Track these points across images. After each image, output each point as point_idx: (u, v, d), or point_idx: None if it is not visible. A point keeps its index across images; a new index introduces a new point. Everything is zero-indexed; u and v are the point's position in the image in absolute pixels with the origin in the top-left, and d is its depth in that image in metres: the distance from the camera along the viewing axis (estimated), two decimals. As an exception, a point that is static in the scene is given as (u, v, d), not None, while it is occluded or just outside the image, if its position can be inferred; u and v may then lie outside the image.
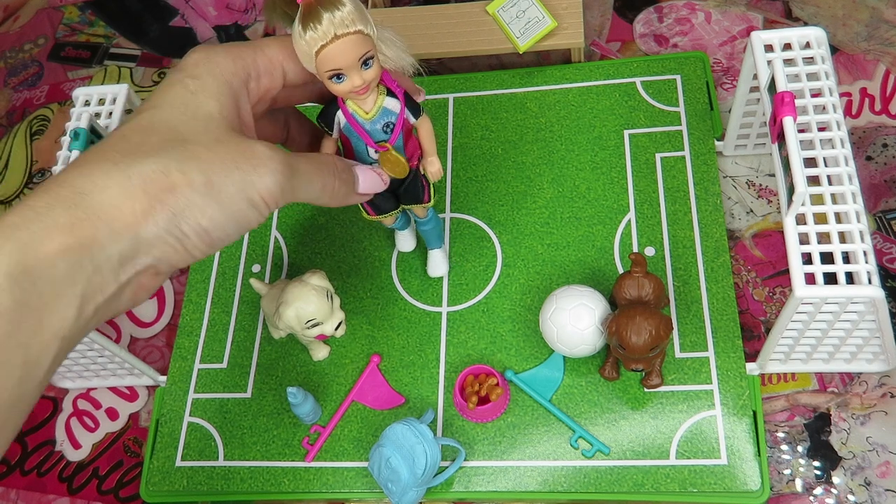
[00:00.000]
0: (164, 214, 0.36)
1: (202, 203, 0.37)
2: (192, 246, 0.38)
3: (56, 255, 0.34)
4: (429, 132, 0.50)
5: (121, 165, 0.36)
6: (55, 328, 0.34)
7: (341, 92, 0.44)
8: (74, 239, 0.34)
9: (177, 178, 0.36)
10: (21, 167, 0.81)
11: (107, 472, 0.63)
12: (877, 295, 0.44)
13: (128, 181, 0.36)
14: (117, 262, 0.36)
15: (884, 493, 0.53)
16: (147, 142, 0.37)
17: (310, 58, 0.42)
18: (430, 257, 0.63)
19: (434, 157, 0.51)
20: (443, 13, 0.73)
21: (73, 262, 0.34)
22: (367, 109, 0.47)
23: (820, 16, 0.71)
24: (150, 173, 0.36)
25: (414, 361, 0.61)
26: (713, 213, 0.62)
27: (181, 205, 0.37)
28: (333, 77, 0.43)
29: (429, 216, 0.58)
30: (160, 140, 0.37)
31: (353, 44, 0.42)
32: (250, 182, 0.38)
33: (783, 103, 0.48)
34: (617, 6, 0.77)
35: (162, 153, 0.37)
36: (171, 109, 0.39)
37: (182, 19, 0.86)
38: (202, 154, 0.38)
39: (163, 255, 0.37)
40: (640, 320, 0.51)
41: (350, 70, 0.43)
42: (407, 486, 0.53)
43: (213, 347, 0.64)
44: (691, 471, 0.54)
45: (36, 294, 0.33)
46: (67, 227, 0.34)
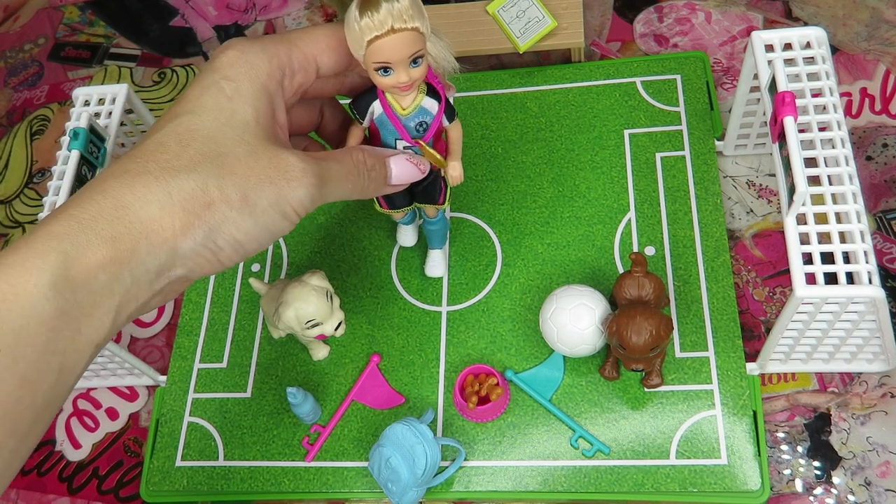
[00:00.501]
0: (202, 230, 0.37)
1: (237, 217, 0.38)
2: (225, 257, 0.39)
3: (98, 267, 0.35)
4: (458, 137, 0.50)
5: (161, 180, 0.37)
6: (91, 336, 0.35)
7: (385, 86, 0.44)
8: (116, 252, 0.35)
9: (214, 194, 0.37)
10: (21, 167, 0.81)
11: (107, 471, 0.63)
12: (877, 295, 0.44)
13: (168, 197, 0.37)
14: (154, 274, 0.37)
15: (884, 493, 0.53)
16: (185, 153, 0.38)
17: (360, 46, 0.41)
18: (429, 257, 0.63)
19: (458, 161, 0.51)
20: (443, 13, 0.73)
21: (113, 275, 0.35)
22: (404, 106, 0.46)
23: (820, 16, 0.71)
24: (188, 190, 0.37)
25: (414, 361, 0.61)
26: (713, 212, 0.62)
27: (217, 220, 0.38)
28: (380, 70, 0.42)
29: (438, 216, 0.58)
30: (197, 152, 0.38)
31: (407, 40, 0.41)
32: (283, 196, 0.39)
33: (784, 103, 0.48)
34: (617, 6, 0.77)
35: (200, 168, 0.38)
36: (207, 115, 0.39)
37: (182, 19, 0.86)
38: (238, 169, 0.38)
39: (196, 266, 0.39)
40: (641, 320, 0.51)
41: (398, 66, 0.42)
42: (407, 485, 0.53)
43: (212, 347, 0.64)
44: (691, 471, 0.54)
45: (76, 304, 0.34)
46: (110, 241, 0.35)
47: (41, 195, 0.78)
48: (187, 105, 0.40)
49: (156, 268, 0.37)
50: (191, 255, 0.38)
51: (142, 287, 0.37)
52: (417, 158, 0.49)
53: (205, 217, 0.37)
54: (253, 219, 0.39)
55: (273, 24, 0.83)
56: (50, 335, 0.34)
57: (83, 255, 0.34)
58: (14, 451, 0.34)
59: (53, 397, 0.35)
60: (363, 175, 0.45)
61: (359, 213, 0.67)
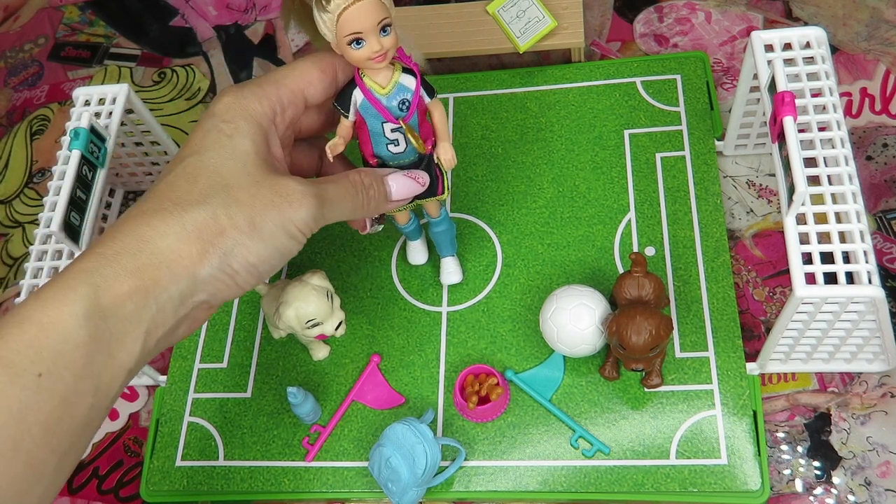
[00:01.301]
0: (217, 256, 0.41)
1: (248, 241, 0.42)
2: (241, 280, 0.43)
3: (126, 296, 0.38)
4: (442, 116, 0.50)
5: (175, 214, 0.40)
6: (123, 360, 0.39)
7: (360, 58, 0.45)
8: (141, 282, 0.39)
9: (224, 221, 0.41)
10: (21, 167, 0.81)
11: (107, 471, 0.63)
12: (877, 295, 0.45)
13: (183, 229, 0.40)
14: (178, 300, 0.40)
15: (884, 492, 0.53)
16: (194, 188, 0.42)
17: (331, 23, 0.43)
18: (443, 265, 0.62)
19: (448, 143, 0.51)
20: (443, 13, 0.73)
21: (140, 303, 0.39)
22: (382, 84, 0.47)
23: (820, 16, 0.72)
24: (201, 220, 0.41)
25: (414, 361, 0.61)
26: (713, 212, 0.62)
27: (230, 245, 0.41)
28: (353, 42, 0.44)
29: (442, 216, 0.58)
30: (205, 186, 0.42)
31: (373, 7, 0.43)
32: (287, 217, 0.43)
33: (783, 103, 0.48)
34: (617, 6, 0.77)
35: (209, 199, 0.41)
36: (211, 153, 0.43)
37: (182, 19, 0.86)
38: (243, 197, 0.42)
39: (216, 291, 0.42)
40: (641, 320, 0.51)
41: (369, 35, 0.43)
42: (407, 485, 0.53)
43: (213, 347, 0.64)
44: (691, 470, 0.54)
45: (108, 331, 0.38)
46: (134, 272, 0.39)
47: (41, 195, 0.78)
48: (192, 147, 0.44)
49: (178, 294, 0.40)
50: (210, 280, 0.41)
51: (167, 314, 0.40)
52: (415, 173, 0.50)
53: (218, 243, 0.41)
54: (262, 242, 0.42)
55: (273, 24, 0.83)
56: (86, 359, 0.37)
57: (111, 287, 0.38)
58: (56, 468, 0.37)
59: (91, 418, 0.38)
60: (361, 194, 0.48)
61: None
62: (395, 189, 0.50)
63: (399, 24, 0.45)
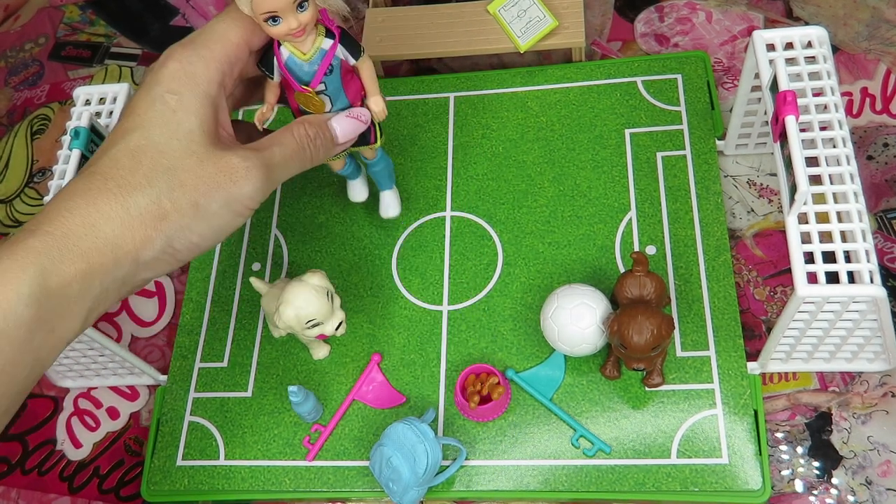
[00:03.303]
0: (160, 240, 0.42)
1: (191, 223, 0.43)
2: (182, 257, 0.44)
3: (72, 279, 0.40)
4: (370, 72, 0.50)
5: (119, 198, 0.41)
6: (63, 334, 0.40)
7: (278, 34, 0.45)
8: (87, 265, 0.40)
9: (167, 206, 0.42)
10: (22, 166, 0.81)
11: (108, 471, 0.63)
12: (879, 294, 0.45)
13: (127, 214, 0.41)
14: (121, 282, 0.42)
15: (885, 492, 0.53)
16: (138, 169, 0.42)
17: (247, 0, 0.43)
18: (382, 198, 0.63)
19: (377, 96, 0.51)
20: (443, 13, 0.73)
21: (85, 285, 0.40)
22: (304, 51, 0.47)
23: (821, 15, 0.72)
24: (144, 206, 0.41)
25: (415, 360, 0.61)
26: (714, 212, 0.62)
27: (173, 228, 0.42)
28: (269, 20, 0.44)
29: (378, 156, 0.58)
30: (149, 167, 0.42)
31: None
32: (232, 196, 0.44)
33: (785, 102, 0.48)
34: (618, 6, 0.77)
35: (153, 183, 0.42)
36: (155, 129, 0.43)
37: (183, 18, 0.86)
38: (187, 180, 0.42)
39: (157, 269, 0.43)
40: (642, 319, 0.51)
41: (286, 12, 0.43)
42: (408, 485, 0.53)
43: (213, 346, 0.64)
44: (692, 470, 0.54)
45: (51, 309, 0.39)
46: (81, 255, 0.40)
47: (42, 194, 0.78)
48: (136, 120, 0.43)
49: (121, 277, 0.42)
50: (152, 262, 0.42)
51: (110, 293, 0.42)
52: (357, 111, 0.50)
53: (161, 228, 0.42)
54: (206, 221, 0.43)
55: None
56: (27, 336, 0.38)
57: (58, 269, 0.39)
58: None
59: (26, 386, 0.40)
60: (308, 147, 0.48)
61: (359, 213, 0.67)
62: (340, 131, 0.50)
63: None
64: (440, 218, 0.66)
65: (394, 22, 0.73)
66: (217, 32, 0.45)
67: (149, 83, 0.44)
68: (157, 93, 0.43)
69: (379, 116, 0.52)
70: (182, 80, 0.44)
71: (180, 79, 0.44)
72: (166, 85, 0.43)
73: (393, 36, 0.72)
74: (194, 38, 0.45)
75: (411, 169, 0.68)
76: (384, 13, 0.74)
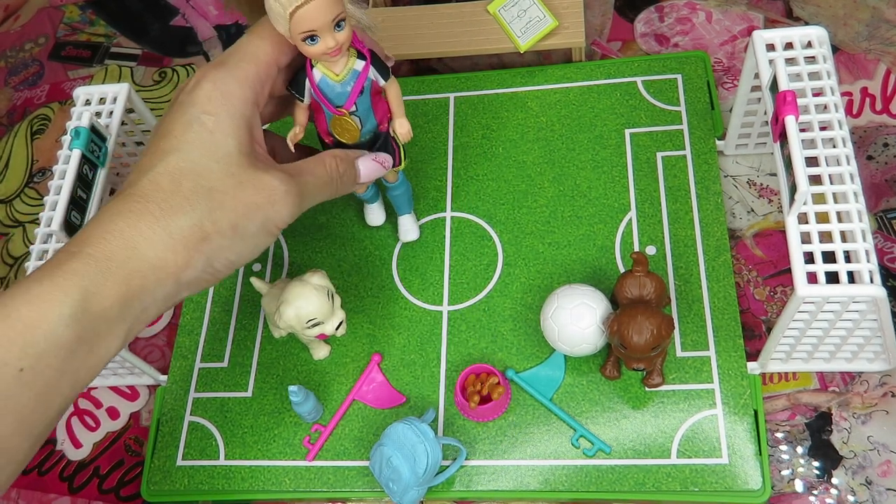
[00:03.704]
0: (201, 261, 0.43)
1: (230, 244, 0.44)
2: (220, 276, 0.45)
3: (113, 302, 0.40)
4: (397, 94, 0.51)
5: (161, 220, 0.42)
6: (102, 355, 0.41)
7: (314, 54, 0.45)
8: (128, 288, 0.41)
9: (209, 228, 0.42)
10: (22, 166, 0.81)
11: (108, 471, 0.63)
12: (879, 294, 0.45)
13: (170, 237, 0.42)
14: (162, 301, 0.43)
15: (885, 492, 0.53)
16: (179, 191, 0.42)
17: (283, 19, 0.43)
18: (401, 223, 0.64)
19: (402, 118, 0.52)
20: (443, 13, 0.73)
21: (126, 306, 0.41)
22: (337, 72, 0.47)
23: (820, 15, 0.72)
24: (186, 228, 0.42)
25: (415, 360, 0.61)
26: (714, 212, 0.62)
27: (213, 249, 0.43)
28: (307, 39, 0.44)
29: (399, 180, 0.59)
30: (189, 189, 0.42)
31: (328, 4, 0.42)
32: (269, 218, 0.45)
33: (785, 102, 0.48)
34: (618, 6, 0.77)
35: (194, 205, 0.42)
36: (194, 151, 0.43)
37: (183, 18, 0.86)
38: (227, 202, 0.43)
39: (197, 287, 0.44)
40: (642, 319, 0.51)
41: (323, 31, 0.43)
42: (408, 485, 0.53)
43: (213, 346, 0.64)
44: (692, 470, 0.54)
45: (92, 331, 0.40)
46: (123, 279, 0.40)
47: (42, 194, 0.78)
48: (174, 142, 0.43)
49: (163, 297, 0.42)
50: (193, 281, 0.43)
51: (150, 313, 0.42)
52: (382, 157, 0.52)
53: (202, 249, 0.42)
54: (243, 242, 0.44)
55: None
56: (67, 358, 0.39)
57: (100, 292, 0.40)
58: (27, 452, 0.40)
59: (65, 407, 0.41)
60: (336, 181, 0.49)
61: (360, 213, 0.67)
62: (364, 172, 0.52)
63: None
64: (440, 218, 0.66)
65: (394, 22, 0.73)
66: (248, 52, 0.46)
67: (183, 104, 0.44)
68: (193, 114, 0.44)
69: (404, 138, 0.53)
70: (218, 102, 0.44)
71: (216, 100, 0.44)
72: (202, 106, 0.44)
73: (393, 36, 0.72)
74: (225, 58, 0.46)
75: (412, 170, 0.68)
76: (384, 13, 0.74)
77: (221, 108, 0.44)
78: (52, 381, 0.39)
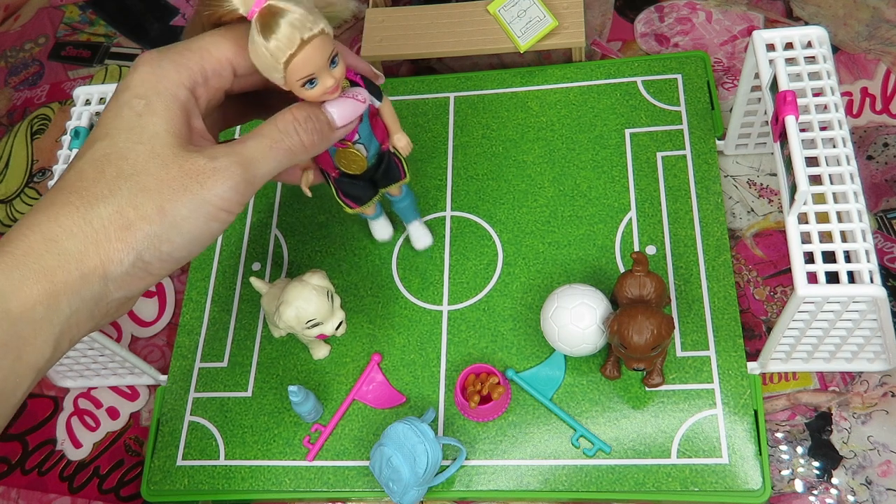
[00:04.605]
0: (127, 252, 0.39)
1: (159, 231, 0.39)
2: (156, 270, 0.41)
3: (35, 301, 0.37)
4: (391, 112, 0.51)
5: (81, 210, 0.38)
6: (31, 362, 0.37)
7: (314, 96, 0.43)
8: (51, 285, 0.37)
9: (131, 214, 0.39)
10: (22, 166, 0.81)
11: (108, 471, 0.63)
12: (879, 294, 0.45)
13: (89, 227, 0.38)
14: (92, 302, 0.39)
15: (885, 492, 0.53)
16: (101, 178, 0.39)
17: (277, 70, 0.41)
18: (411, 232, 0.63)
19: (400, 133, 0.51)
20: (443, 13, 0.73)
21: (52, 306, 0.37)
22: None
23: (821, 15, 0.72)
24: (106, 216, 0.39)
25: (415, 360, 0.61)
26: (714, 212, 0.62)
27: (140, 238, 0.39)
28: (306, 84, 0.42)
29: (403, 192, 0.59)
30: (112, 175, 0.39)
31: (320, 45, 0.41)
32: (201, 198, 0.40)
33: (785, 102, 0.48)
34: (618, 6, 0.77)
35: (115, 192, 0.39)
36: (120, 136, 0.40)
37: (183, 18, 0.86)
38: (150, 184, 0.39)
39: (132, 285, 0.40)
40: (642, 319, 0.51)
41: (321, 72, 0.42)
42: (408, 485, 0.53)
43: (213, 346, 0.64)
44: (693, 470, 0.54)
45: (15, 335, 0.36)
46: (43, 275, 0.37)
47: (41, 194, 0.78)
48: (103, 129, 0.41)
49: (91, 297, 0.39)
50: (123, 278, 0.39)
51: (82, 316, 0.39)
52: (353, 90, 0.47)
53: (126, 238, 0.39)
54: (175, 229, 0.40)
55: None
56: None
57: (19, 291, 0.36)
58: None
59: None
60: (296, 132, 0.44)
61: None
62: (338, 114, 0.46)
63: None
64: (440, 218, 0.66)
65: (394, 22, 0.73)
66: (196, 43, 0.43)
67: (118, 89, 0.42)
68: (124, 99, 0.41)
69: (405, 151, 0.52)
70: (150, 85, 0.41)
71: (148, 83, 0.41)
72: (134, 90, 0.41)
73: (393, 36, 0.72)
74: (171, 46, 0.43)
75: (411, 169, 0.68)
76: (384, 13, 0.74)
77: (152, 90, 0.41)
78: None
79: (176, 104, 0.41)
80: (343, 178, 0.54)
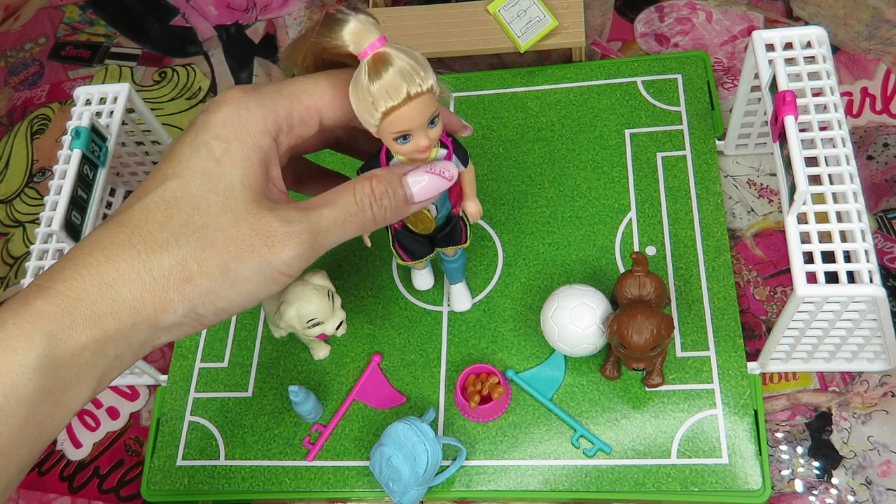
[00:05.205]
0: (183, 305, 0.38)
1: (218, 288, 0.38)
2: (207, 322, 0.39)
3: (83, 346, 0.35)
4: (472, 177, 0.48)
5: (143, 255, 0.37)
6: (70, 405, 0.36)
7: (404, 152, 0.41)
8: (101, 332, 0.36)
9: (193, 268, 0.37)
10: (22, 166, 0.81)
11: (108, 471, 0.63)
12: (878, 294, 0.45)
13: (149, 275, 0.37)
14: (138, 347, 0.38)
15: (885, 492, 0.53)
16: (168, 223, 0.38)
17: (372, 116, 0.39)
18: (453, 292, 0.61)
19: (474, 199, 0.49)
20: (443, 13, 0.73)
21: (98, 351, 0.36)
22: None
23: (821, 15, 0.72)
24: (168, 266, 0.37)
25: (415, 360, 0.61)
26: (714, 212, 0.62)
27: (198, 293, 0.38)
28: (399, 139, 0.40)
29: (458, 255, 0.57)
30: (180, 223, 0.38)
31: (425, 104, 0.39)
32: (266, 262, 0.39)
33: (785, 102, 0.48)
34: (618, 6, 0.77)
35: (181, 241, 0.37)
36: (194, 180, 0.39)
37: (183, 18, 0.86)
38: (219, 240, 0.38)
39: (179, 333, 0.39)
40: (642, 319, 0.51)
41: (417, 131, 0.40)
42: (408, 485, 0.53)
43: (213, 346, 0.64)
44: (693, 470, 0.54)
45: (59, 381, 0.35)
46: (95, 321, 0.36)
47: (42, 194, 0.78)
48: (176, 167, 0.39)
49: (138, 342, 0.37)
50: (173, 327, 0.38)
51: (125, 360, 0.38)
52: (440, 166, 0.43)
53: (184, 292, 0.37)
54: (235, 288, 0.39)
55: (274, 24, 0.83)
56: (30, 412, 0.34)
57: (68, 336, 0.35)
58: None
59: (28, 462, 0.36)
60: (370, 208, 0.42)
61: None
62: (419, 190, 0.43)
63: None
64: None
65: (394, 22, 0.73)
66: (288, 87, 0.41)
67: (197, 125, 0.40)
68: (203, 138, 0.39)
69: (473, 219, 0.50)
70: (232, 128, 0.39)
71: (231, 126, 0.39)
72: (215, 130, 0.39)
73: (393, 36, 0.71)
74: (260, 85, 0.41)
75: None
76: (384, 13, 0.74)
77: (235, 135, 0.39)
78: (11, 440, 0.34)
79: (257, 154, 0.39)
80: (404, 232, 0.52)
